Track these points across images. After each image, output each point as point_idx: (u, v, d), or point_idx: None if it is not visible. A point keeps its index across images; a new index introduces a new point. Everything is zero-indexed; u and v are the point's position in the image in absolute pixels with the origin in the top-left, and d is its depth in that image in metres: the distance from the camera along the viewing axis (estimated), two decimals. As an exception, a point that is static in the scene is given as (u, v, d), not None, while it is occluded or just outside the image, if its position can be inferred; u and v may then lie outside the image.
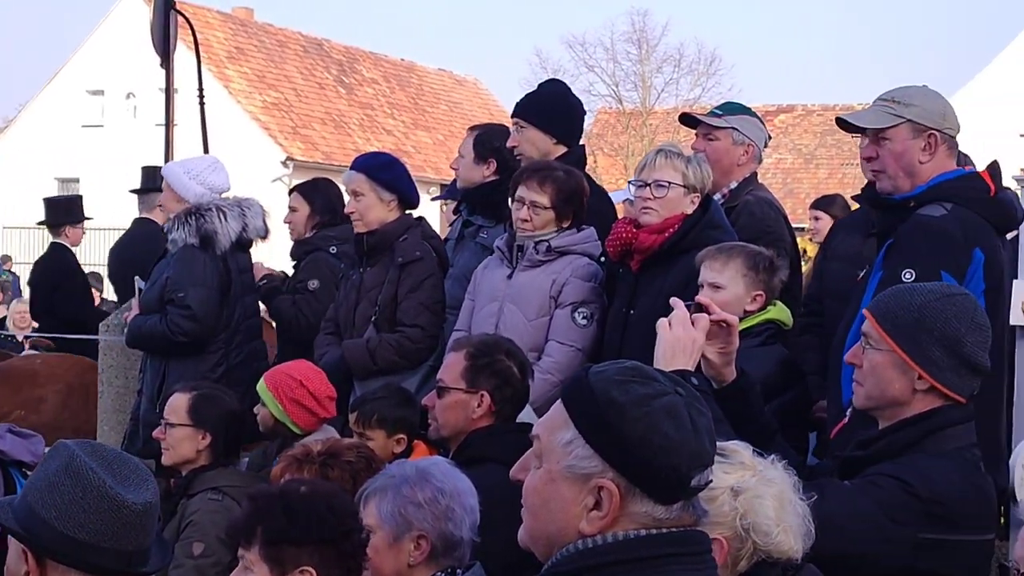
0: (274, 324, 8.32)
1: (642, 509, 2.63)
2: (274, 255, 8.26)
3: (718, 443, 3.27)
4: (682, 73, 48.13)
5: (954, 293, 3.93)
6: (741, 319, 5.44)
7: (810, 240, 11.78)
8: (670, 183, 5.89)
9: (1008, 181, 5.83)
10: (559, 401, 2.73)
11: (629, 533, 2.63)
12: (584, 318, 6.19)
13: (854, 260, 5.89)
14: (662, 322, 3.88)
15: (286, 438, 5.99)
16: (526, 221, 6.26)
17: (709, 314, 4.02)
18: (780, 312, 5.62)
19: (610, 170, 42.73)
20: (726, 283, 5.51)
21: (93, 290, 15.69)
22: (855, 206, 6.94)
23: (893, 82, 5.23)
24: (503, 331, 6.08)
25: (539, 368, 5.95)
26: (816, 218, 11.37)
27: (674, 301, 3.97)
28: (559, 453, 2.67)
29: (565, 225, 6.29)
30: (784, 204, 7.14)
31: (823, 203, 11.52)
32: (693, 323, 3.88)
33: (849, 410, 4.49)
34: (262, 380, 6.24)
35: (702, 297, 4.12)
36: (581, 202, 6.33)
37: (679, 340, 3.83)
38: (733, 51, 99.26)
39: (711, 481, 2.71)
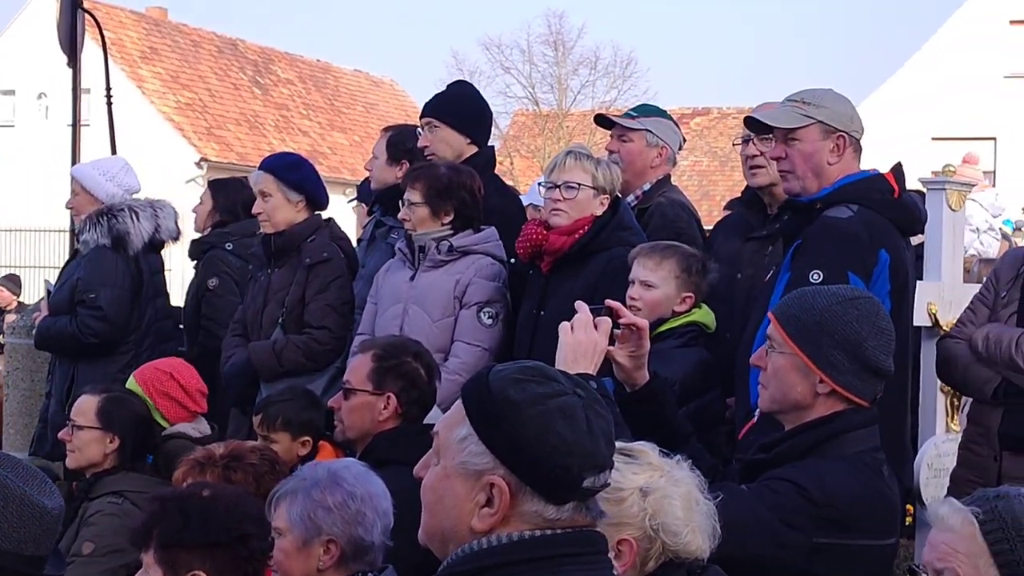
0: None
1: (533, 508, 2.62)
2: (187, 256, 8.20)
3: (625, 444, 3.29)
4: (598, 75, 48.23)
5: (857, 297, 3.92)
6: (667, 319, 5.48)
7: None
8: (579, 184, 5.91)
9: (913, 183, 5.89)
10: (459, 399, 2.73)
11: (524, 533, 2.62)
12: (490, 318, 6.20)
13: (733, 262, 5.94)
14: (564, 326, 3.88)
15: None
16: (407, 220, 6.30)
17: (619, 318, 4.02)
18: (704, 315, 5.65)
19: (526, 172, 42.73)
20: (658, 282, 5.54)
21: (9, 292, 15.53)
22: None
23: (808, 86, 5.27)
24: (408, 333, 6.07)
25: (446, 369, 5.95)
26: None
27: (578, 305, 3.97)
28: (454, 449, 2.67)
29: (446, 220, 6.29)
30: (700, 206, 7.18)
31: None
32: (596, 327, 3.87)
33: (757, 412, 4.49)
34: (132, 376, 6.19)
35: (611, 301, 4.11)
36: (461, 197, 6.30)
37: (580, 344, 3.83)
38: (649, 54, 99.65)
39: (607, 484, 2.70)
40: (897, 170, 5.27)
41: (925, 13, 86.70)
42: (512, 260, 6.29)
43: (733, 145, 6.94)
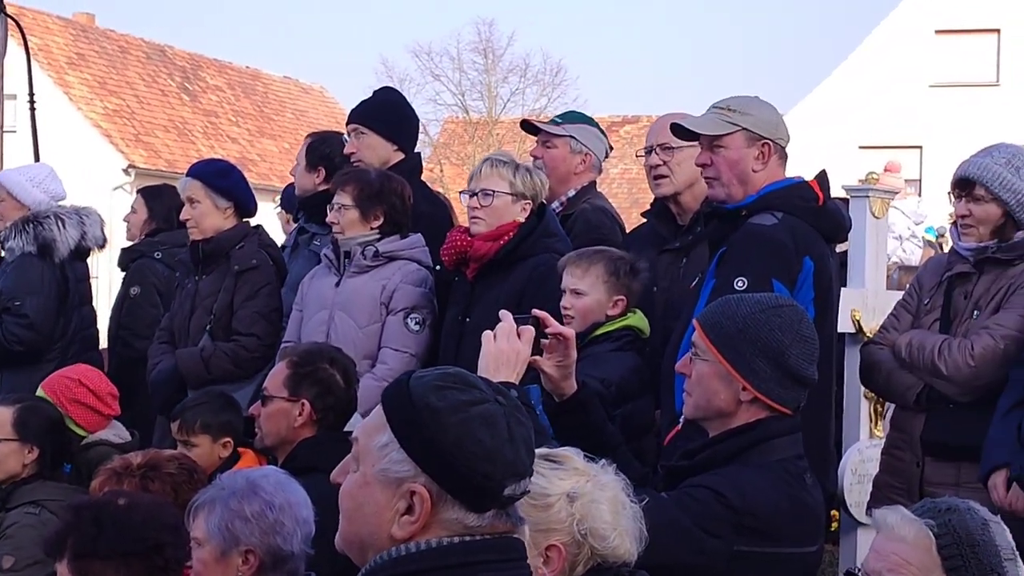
0: None
1: (453, 516, 2.61)
2: (113, 264, 8.17)
3: (551, 450, 3.29)
4: (528, 83, 48.31)
5: (780, 305, 3.92)
6: (602, 323, 5.49)
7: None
8: (496, 191, 5.91)
9: (841, 191, 5.94)
10: (379, 404, 2.71)
11: (443, 540, 2.61)
12: (417, 324, 6.19)
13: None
14: (487, 334, 3.87)
15: None
16: (335, 223, 6.27)
17: (545, 328, 4.02)
18: (639, 320, 5.66)
19: (456, 179, 42.66)
20: (587, 289, 5.55)
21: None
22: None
23: (737, 94, 5.29)
24: (334, 339, 6.06)
25: (373, 376, 5.94)
26: None
27: (502, 313, 3.96)
28: (374, 456, 2.65)
29: (375, 225, 6.27)
30: (630, 214, 7.17)
31: None
32: (520, 335, 3.87)
33: (682, 418, 4.51)
34: (40, 388, 6.13)
35: (538, 311, 4.10)
36: (391, 202, 6.30)
37: (503, 352, 3.82)
38: (579, 62, 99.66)
39: (527, 492, 2.69)
40: (821, 178, 5.30)
41: (852, 22, 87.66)
42: (438, 267, 6.28)
43: (636, 156, 6.94)
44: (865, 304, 6.08)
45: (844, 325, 5.81)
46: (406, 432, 2.62)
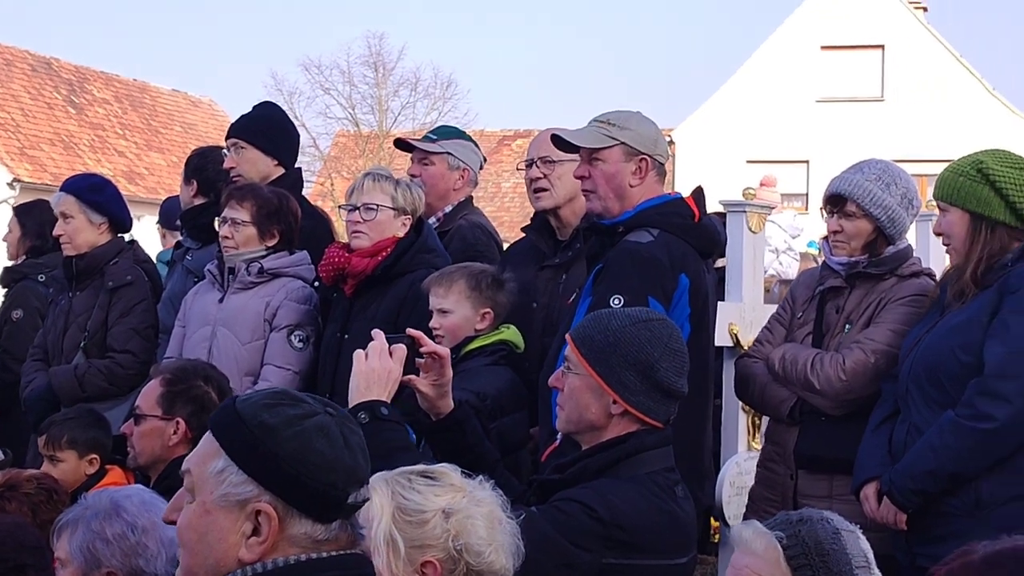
0: None
1: (301, 530, 2.62)
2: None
3: (427, 467, 3.29)
4: (419, 97, 48.32)
5: (650, 319, 3.95)
6: (474, 339, 5.48)
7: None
8: (379, 206, 5.88)
9: (714, 206, 5.98)
10: (208, 432, 2.69)
11: (289, 559, 2.61)
12: (300, 341, 6.15)
13: (527, 291, 5.89)
14: (358, 353, 3.90)
15: None
16: (228, 239, 6.20)
17: (420, 347, 4.03)
18: (512, 335, 5.66)
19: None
20: (452, 307, 5.55)
21: None
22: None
23: (626, 108, 5.31)
24: (216, 355, 6.00)
25: (257, 393, 5.88)
26: None
27: (374, 332, 4.00)
28: (212, 483, 2.64)
29: (270, 243, 6.23)
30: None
31: None
32: (391, 353, 3.89)
33: (560, 434, 4.52)
34: None
35: (412, 331, 4.13)
36: (288, 222, 6.28)
37: (374, 371, 3.87)
38: (469, 76, 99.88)
39: (368, 499, 2.74)
40: (697, 194, 5.34)
41: (740, 38, 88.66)
42: (316, 283, 6.24)
43: (518, 169, 6.94)
44: (742, 318, 6.12)
45: (721, 339, 5.85)
46: (243, 453, 2.61)
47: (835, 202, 5.33)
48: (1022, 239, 4.89)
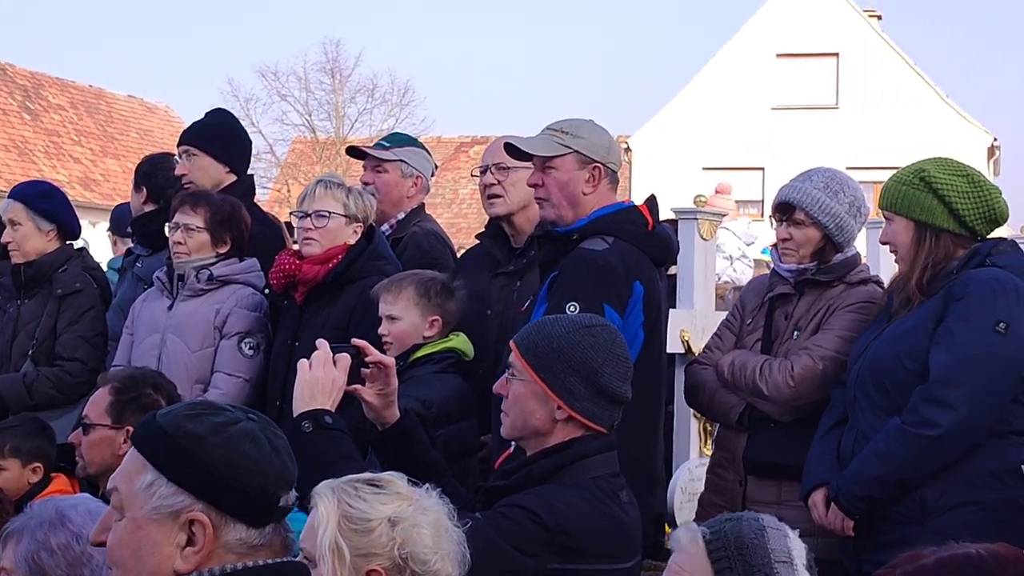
0: None
1: (236, 537, 2.64)
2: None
3: (373, 475, 3.29)
4: (376, 103, 48.29)
5: (593, 324, 3.96)
6: (421, 345, 5.49)
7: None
8: (330, 213, 5.88)
9: (666, 214, 6.01)
10: (131, 448, 2.71)
11: (226, 567, 2.62)
12: (251, 348, 6.13)
13: (481, 298, 5.89)
14: (302, 363, 3.91)
15: None
16: (180, 244, 6.18)
17: (366, 356, 4.04)
18: (461, 343, 5.66)
19: (304, 200, 42.46)
20: (400, 314, 5.55)
21: None
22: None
23: (582, 115, 5.34)
24: (166, 363, 5.98)
25: (207, 401, 5.86)
26: None
27: (319, 342, 4.02)
28: (142, 498, 2.65)
29: (222, 251, 6.22)
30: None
31: None
32: (336, 363, 3.90)
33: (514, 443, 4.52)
34: None
35: (357, 340, 4.14)
36: (239, 230, 6.27)
37: (318, 380, 3.89)
38: (426, 82, 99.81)
39: (297, 501, 2.75)
40: (651, 202, 5.37)
41: (695, 46, 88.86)
42: (267, 291, 6.22)
43: (472, 175, 6.94)
44: (694, 324, 6.15)
45: (673, 346, 5.88)
46: (172, 464, 2.62)
47: (784, 210, 5.36)
48: (967, 246, 4.93)
